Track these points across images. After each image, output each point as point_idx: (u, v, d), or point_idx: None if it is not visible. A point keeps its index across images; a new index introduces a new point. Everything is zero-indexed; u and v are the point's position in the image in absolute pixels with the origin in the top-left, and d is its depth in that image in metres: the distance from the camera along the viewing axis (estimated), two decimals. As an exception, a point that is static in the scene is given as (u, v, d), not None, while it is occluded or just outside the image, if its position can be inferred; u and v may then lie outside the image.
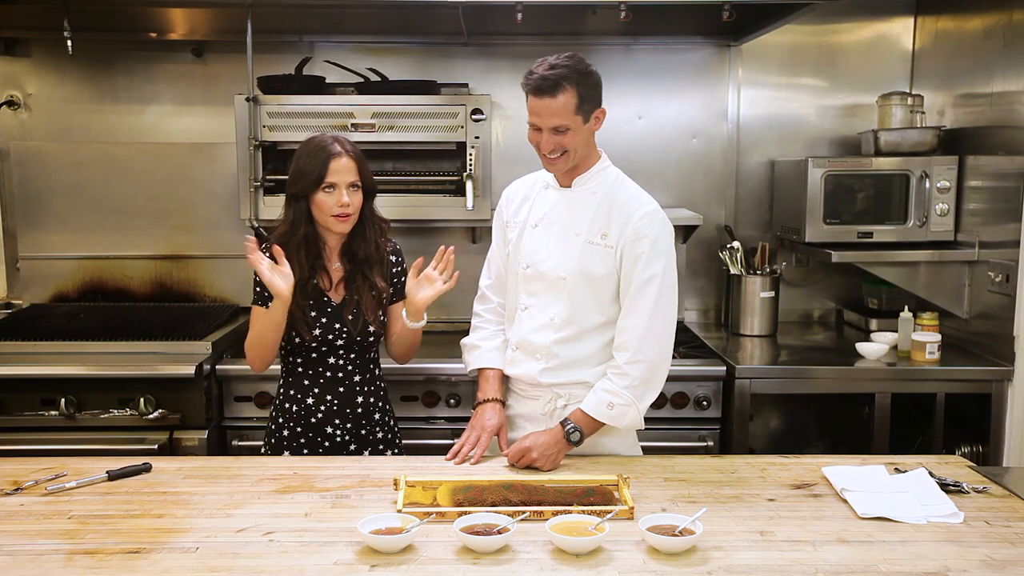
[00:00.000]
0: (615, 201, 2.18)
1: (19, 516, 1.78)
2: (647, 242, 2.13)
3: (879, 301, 3.54)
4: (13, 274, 3.66)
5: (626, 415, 2.12)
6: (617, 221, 2.16)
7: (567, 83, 2.05)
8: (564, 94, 2.05)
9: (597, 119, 2.16)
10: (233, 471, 2.05)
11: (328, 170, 2.22)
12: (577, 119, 2.09)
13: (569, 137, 2.11)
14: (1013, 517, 1.79)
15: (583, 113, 2.10)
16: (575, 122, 2.09)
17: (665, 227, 2.18)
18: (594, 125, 2.16)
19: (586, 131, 2.14)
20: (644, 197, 2.21)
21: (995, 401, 2.97)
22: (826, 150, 3.67)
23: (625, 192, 2.21)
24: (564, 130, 2.09)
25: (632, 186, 2.24)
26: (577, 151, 2.15)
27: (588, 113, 2.11)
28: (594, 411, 2.12)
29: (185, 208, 3.59)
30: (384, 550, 1.61)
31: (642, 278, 2.12)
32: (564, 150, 2.12)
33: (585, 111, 2.10)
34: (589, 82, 2.10)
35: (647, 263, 2.12)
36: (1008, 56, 2.98)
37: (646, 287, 2.12)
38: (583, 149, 2.16)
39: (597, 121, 2.16)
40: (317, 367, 2.33)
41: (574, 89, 2.06)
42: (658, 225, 2.16)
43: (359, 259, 2.34)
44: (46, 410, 2.86)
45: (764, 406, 3.65)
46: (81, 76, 3.61)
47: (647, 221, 2.14)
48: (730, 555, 1.61)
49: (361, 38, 3.61)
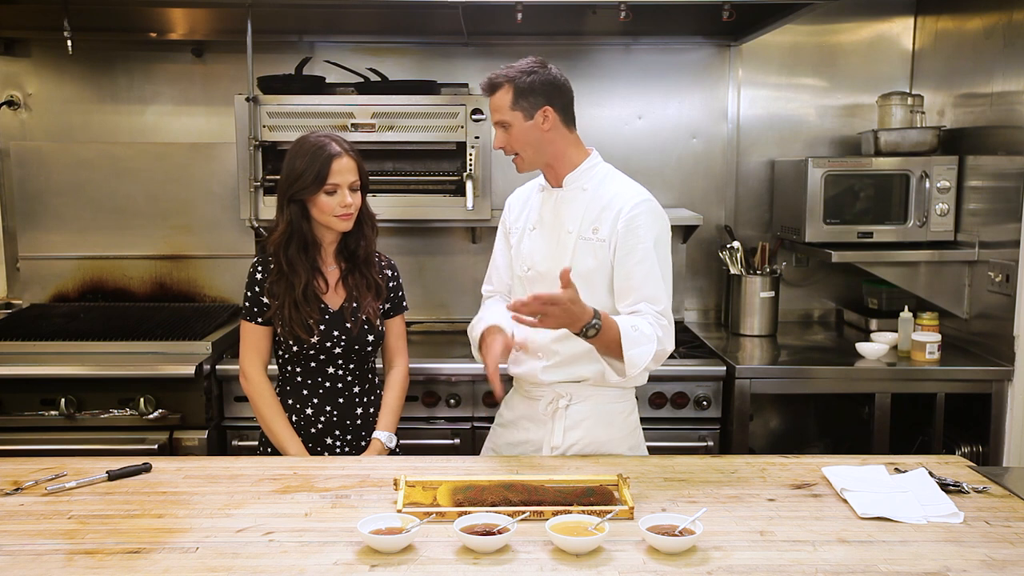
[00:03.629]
0: (605, 195, 2.19)
1: (19, 516, 1.78)
2: (641, 231, 2.13)
3: (879, 301, 3.55)
4: (13, 274, 3.66)
5: (640, 347, 2.02)
6: (608, 214, 2.16)
7: (503, 80, 2.14)
8: (499, 92, 2.15)
9: (545, 118, 2.15)
10: (233, 471, 2.05)
11: (331, 171, 2.21)
12: (515, 115, 2.14)
13: (512, 135, 2.16)
14: (1013, 517, 1.79)
15: (520, 109, 2.13)
16: (514, 118, 2.14)
17: (657, 217, 2.18)
18: (542, 124, 2.15)
19: (531, 131, 2.15)
20: (634, 188, 2.21)
21: (995, 401, 2.97)
22: (826, 150, 3.67)
23: (615, 186, 2.22)
24: (506, 126, 2.16)
25: (622, 179, 2.25)
26: (526, 152, 2.18)
27: (529, 110, 2.13)
28: (621, 320, 2.03)
29: (185, 208, 3.59)
30: (384, 550, 1.61)
31: (640, 269, 2.12)
32: (512, 151, 2.18)
33: (523, 107, 2.13)
34: (529, 80, 2.13)
35: (643, 255, 2.12)
36: (1008, 56, 2.98)
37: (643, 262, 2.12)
38: (532, 151, 2.18)
39: (546, 120, 2.15)
40: (316, 377, 2.32)
41: (509, 85, 2.14)
42: (650, 214, 2.16)
43: (358, 258, 2.34)
44: (46, 410, 2.86)
45: (764, 406, 3.65)
46: (81, 76, 3.61)
47: (639, 211, 2.14)
48: (730, 555, 1.61)
49: (361, 38, 3.61)
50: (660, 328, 2.08)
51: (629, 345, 2.02)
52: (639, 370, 2.05)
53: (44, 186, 3.56)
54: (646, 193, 2.20)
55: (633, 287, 2.13)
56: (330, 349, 2.29)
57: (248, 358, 2.32)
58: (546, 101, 2.15)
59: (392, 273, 2.44)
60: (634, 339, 2.03)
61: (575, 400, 2.22)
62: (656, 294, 2.12)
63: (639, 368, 2.04)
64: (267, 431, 2.31)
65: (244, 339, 2.33)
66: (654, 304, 2.10)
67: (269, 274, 2.29)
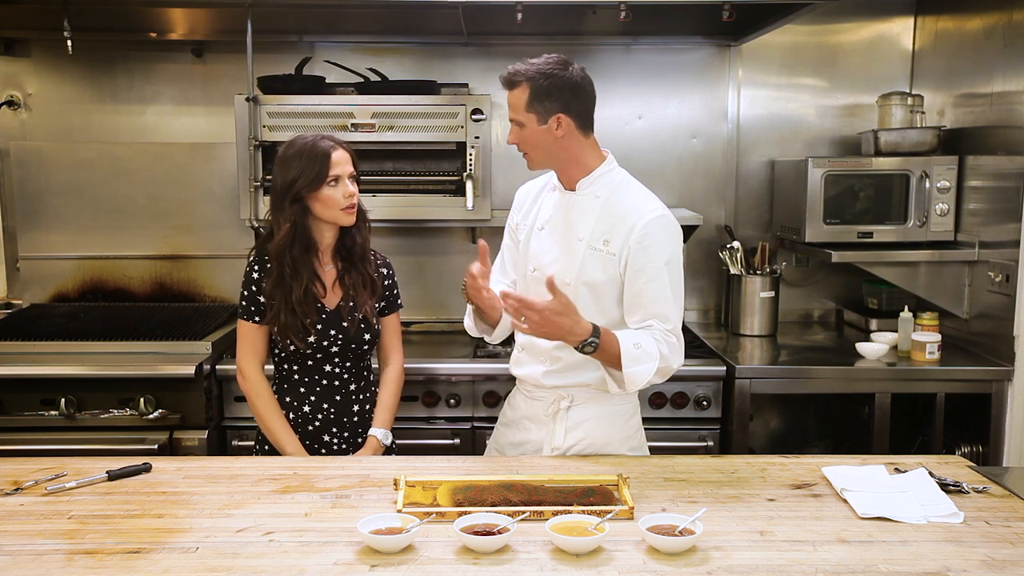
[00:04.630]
0: (619, 207, 2.14)
1: (19, 516, 1.78)
2: (653, 249, 2.08)
3: (879, 301, 3.54)
4: (13, 274, 3.66)
5: (641, 365, 2.00)
6: (621, 228, 2.11)
7: (521, 78, 2.08)
8: (517, 88, 2.09)
9: (559, 124, 2.08)
10: (233, 471, 2.05)
11: (331, 163, 2.22)
12: (529, 117, 2.09)
13: (524, 135, 2.12)
14: (1013, 517, 1.79)
15: (535, 112, 2.08)
16: (527, 119, 2.09)
17: (671, 233, 2.12)
18: (555, 129, 2.08)
19: (543, 136, 2.10)
20: (650, 202, 2.15)
21: (995, 401, 2.97)
22: (826, 150, 3.67)
23: (630, 198, 2.16)
24: (520, 125, 2.11)
25: (637, 189, 2.19)
26: (537, 154, 2.14)
27: (543, 114, 2.08)
28: (624, 337, 2.01)
29: (185, 208, 3.59)
30: (384, 550, 1.61)
31: (652, 287, 2.08)
32: (524, 149, 2.14)
33: (538, 111, 2.08)
34: (547, 84, 2.06)
35: (654, 274, 2.08)
36: (1008, 56, 2.98)
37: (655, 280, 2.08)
38: (542, 154, 2.14)
39: (560, 128, 2.08)
40: (313, 375, 2.33)
41: (527, 85, 2.07)
42: (663, 232, 2.11)
43: (354, 255, 2.34)
44: (46, 410, 2.86)
45: (764, 406, 3.65)
46: (81, 76, 3.61)
47: (652, 228, 2.09)
48: (730, 555, 1.61)
49: (361, 38, 3.61)
50: (667, 345, 2.05)
51: (629, 363, 2.01)
52: (638, 387, 2.05)
53: (44, 186, 3.56)
54: (661, 207, 2.14)
55: (643, 304, 2.09)
56: (327, 348, 2.29)
57: (245, 357, 2.32)
58: (561, 108, 2.08)
59: (387, 271, 2.44)
60: (635, 357, 2.01)
61: (577, 402, 2.22)
62: (666, 312, 2.08)
63: (638, 386, 2.05)
64: (264, 429, 2.31)
65: (241, 338, 2.33)
66: (664, 322, 2.07)
67: (266, 273, 2.29)
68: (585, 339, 1.96)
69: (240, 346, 2.33)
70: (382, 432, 2.36)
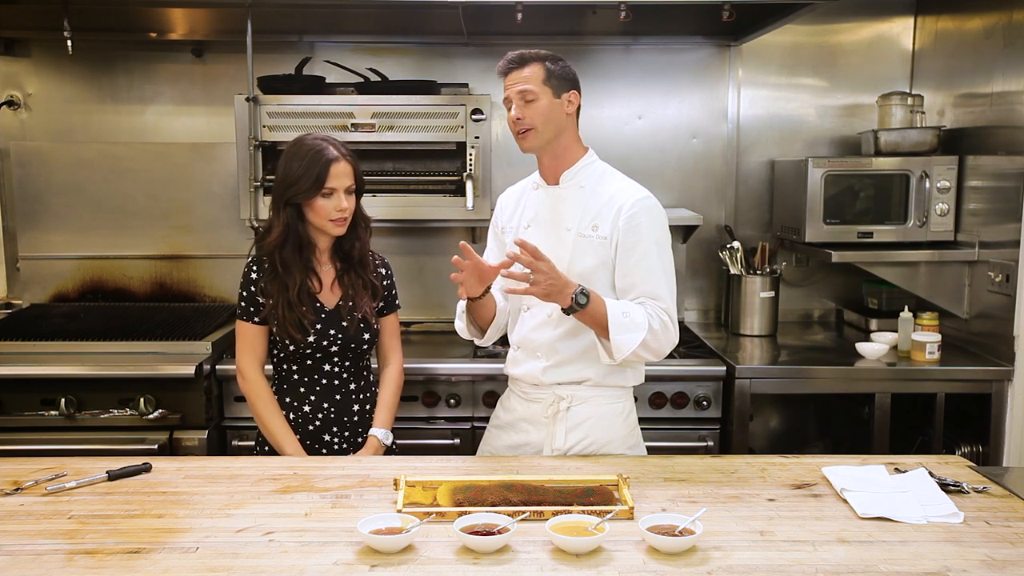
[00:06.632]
0: (604, 192, 2.20)
1: (19, 516, 1.78)
2: (642, 229, 2.14)
3: (879, 301, 3.54)
4: (13, 274, 3.66)
5: (628, 334, 2.04)
6: (608, 211, 2.17)
7: (534, 59, 2.15)
8: (531, 66, 2.14)
9: (570, 102, 2.17)
10: (233, 471, 2.05)
11: (329, 175, 2.22)
12: (546, 90, 2.13)
13: (536, 109, 2.13)
14: (1013, 517, 1.79)
15: (552, 87, 2.14)
16: (543, 92, 2.13)
17: (658, 214, 2.19)
18: (566, 107, 2.17)
19: (556, 109, 2.15)
20: (633, 186, 2.22)
21: (995, 401, 2.97)
22: (826, 150, 3.67)
23: (614, 184, 2.22)
24: (532, 99, 2.12)
25: (620, 177, 2.26)
26: (546, 129, 2.15)
27: (558, 89, 2.15)
28: (611, 305, 2.07)
29: (185, 208, 3.59)
30: (384, 550, 1.61)
31: (642, 266, 2.13)
32: (531, 125, 2.14)
33: (554, 86, 2.14)
34: (560, 65, 2.17)
35: (644, 253, 2.13)
36: (1008, 56, 2.98)
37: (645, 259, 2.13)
38: (551, 129, 2.16)
39: (570, 104, 2.18)
40: (312, 375, 2.33)
41: (541, 64, 2.15)
42: (651, 212, 2.17)
43: (352, 259, 2.34)
44: (46, 410, 2.86)
45: (764, 406, 3.65)
46: (81, 76, 3.61)
47: (640, 208, 2.16)
48: (730, 555, 1.61)
49: (361, 38, 3.61)
50: (659, 321, 2.09)
51: (617, 330, 2.05)
52: (624, 355, 2.07)
53: (44, 186, 3.56)
54: (645, 191, 2.21)
55: (635, 283, 2.14)
56: (326, 348, 2.29)
57: (245, 358, 2.32)
58: (572, 86, 2.18)
59: (385, 272, 2.45)
60: (623, 325, 2.05)
61: (575, 402, 2.22)
62: (658, 290, 2.13)
63: (624, 354, 2.07)
64: (264, 430, 2.32)
65: (240, 339, 2.33)
66: (656, 300, 2.12)
67: (264, 273, 2.29)
68: (575, 292, 2.01)
69: (239, 347, 2.33)
70: (383, 432, 2.36)
